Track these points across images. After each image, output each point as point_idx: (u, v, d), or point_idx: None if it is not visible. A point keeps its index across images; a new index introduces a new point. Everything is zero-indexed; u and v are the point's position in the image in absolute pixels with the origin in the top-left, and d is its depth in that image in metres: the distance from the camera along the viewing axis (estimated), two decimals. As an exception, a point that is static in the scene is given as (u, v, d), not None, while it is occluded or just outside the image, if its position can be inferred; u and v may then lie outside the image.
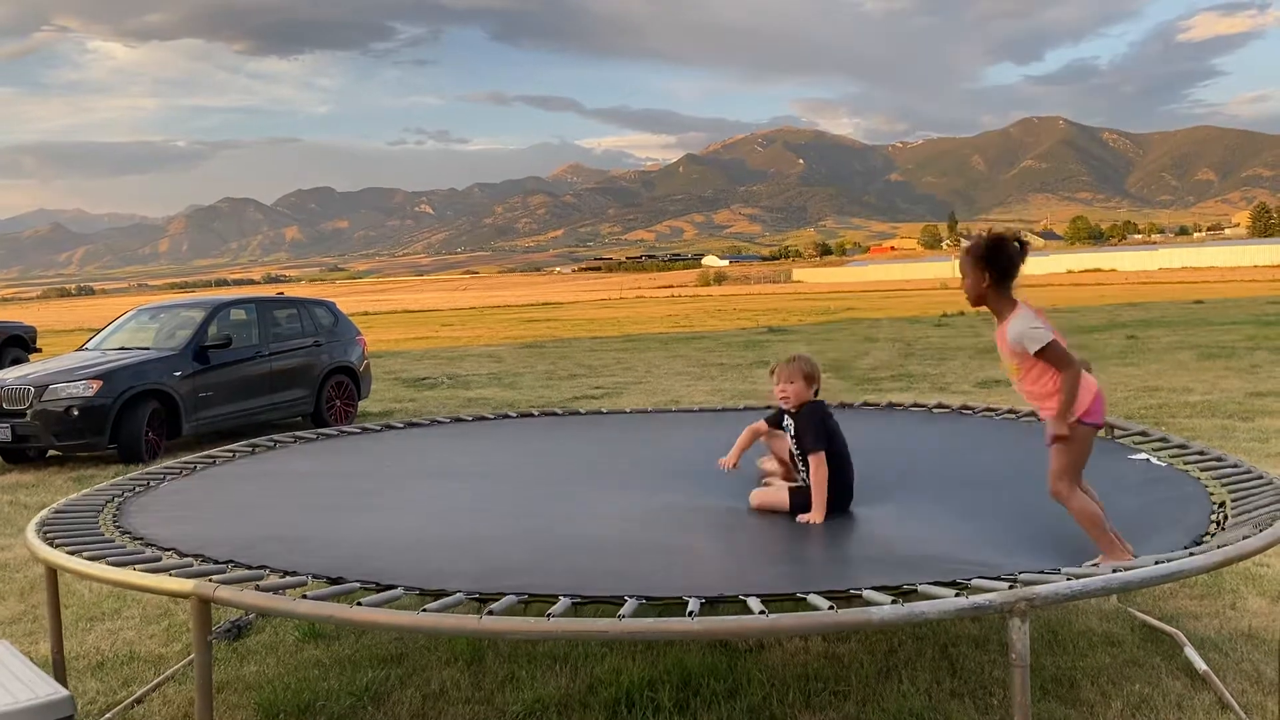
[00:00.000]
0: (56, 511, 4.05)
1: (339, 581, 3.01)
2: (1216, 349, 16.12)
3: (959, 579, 2.83)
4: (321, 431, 6.28)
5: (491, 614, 2.58)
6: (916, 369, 15.40)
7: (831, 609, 2.51)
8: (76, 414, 9.35)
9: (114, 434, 9.51)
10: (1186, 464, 4.43)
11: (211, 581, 2.88)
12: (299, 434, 6.12)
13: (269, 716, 3.62)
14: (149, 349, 10.62)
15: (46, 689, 2.78)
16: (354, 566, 3.18)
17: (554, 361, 19.50)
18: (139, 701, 3.81)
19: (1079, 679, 3.69)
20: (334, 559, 3.34)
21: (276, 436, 5.95)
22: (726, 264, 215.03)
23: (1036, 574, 2.80)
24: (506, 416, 6.82)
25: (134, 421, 9.59)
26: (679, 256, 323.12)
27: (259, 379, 11.08)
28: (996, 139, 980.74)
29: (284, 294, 13.49)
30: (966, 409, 6.07)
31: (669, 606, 2.82)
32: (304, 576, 3.08)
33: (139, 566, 3.14)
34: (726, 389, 13.67)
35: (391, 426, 6.47)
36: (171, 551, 3.46)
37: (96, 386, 9.49)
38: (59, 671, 3.59)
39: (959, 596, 2.54)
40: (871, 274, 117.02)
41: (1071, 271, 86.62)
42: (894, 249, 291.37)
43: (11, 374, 10.19)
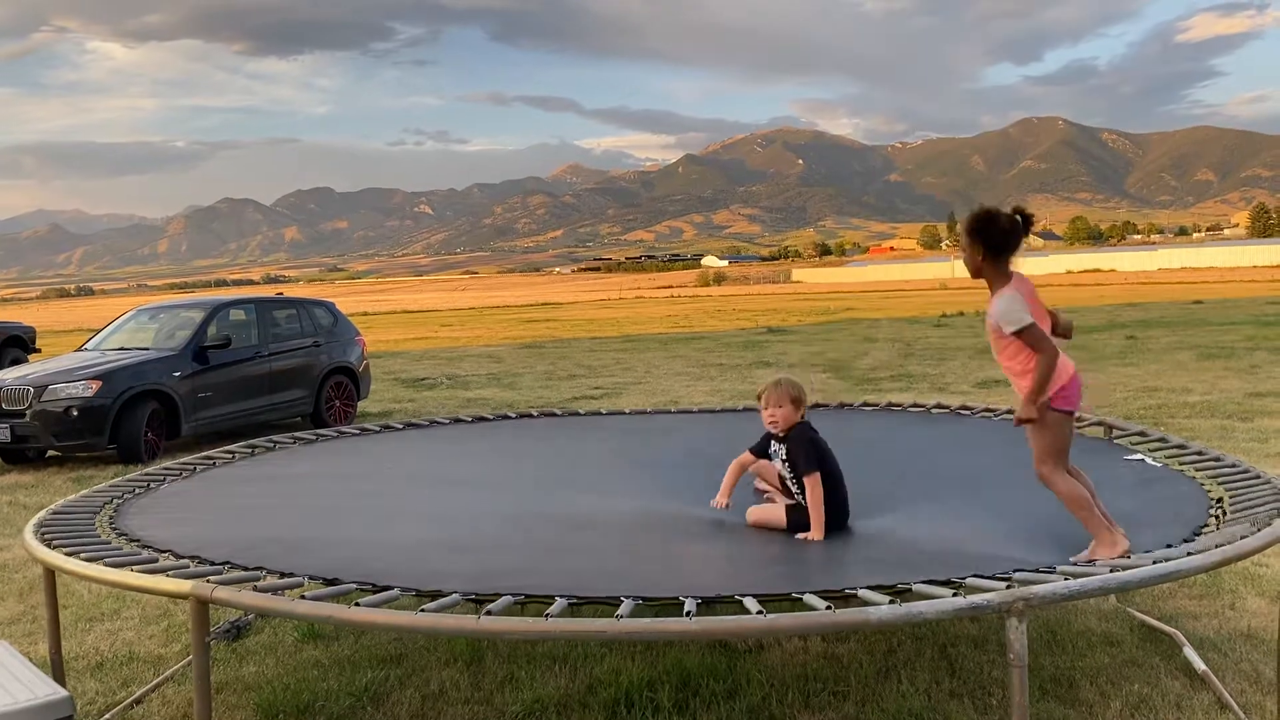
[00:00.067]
0: (55, 513, 4.05)
1: (335, 583, 3.01)
2: (1216, 349, 16.13)
3: (958, 580, 2.83)
4: (320, 433, 6.28)
5: (490, 614, 2.58)
6: (916, 369, 15.40)
7: (829, 609, 2.52)
8: (76, 414, 9.35)
9: (113, 434, 9.52)
10: (1183, 464, 4.44)
11: (209, 582, 2.89)
12: (298, 435, 6.12)
13: (268, 717, 3.62)
14: (148, 349, 10.62)
15: (45, 689, 2.78)
16: (350, 568, 3.18)
17: (553, 362, 19.50)
18: (138, 702, 3.81)
19: (1078, 679, 3.69)
20: (331, 560, 3.34)
21: (276, 438, 5.95)
22: (726, 264, 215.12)
23: (1034, 574, 2.81)
24: (506, 417, 6.82)
25: (133, 422, 9.59)
26: (678, 257, 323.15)
27: (258, 379, 11.08)
28: (996, 139, 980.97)
29: (283, 294, 13.48)
30: (965, 409, 6.07)
31: (666, 607, 2.82)
32: (300, 578, 3.08)
33: (136, 567, 3.14)
34: (726, 389, 13.67)
35: (390, 427, 6.47)
36: (168, 553, 3.46)
37: (96, 387, 9.49)
38: (57, 672, 3.59)
39: (956, 596, 2.55)
40: (871, 274, 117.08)
41: (1071, 272, 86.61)
42: (893, 249, 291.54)
43: (11, 374, 10.18)
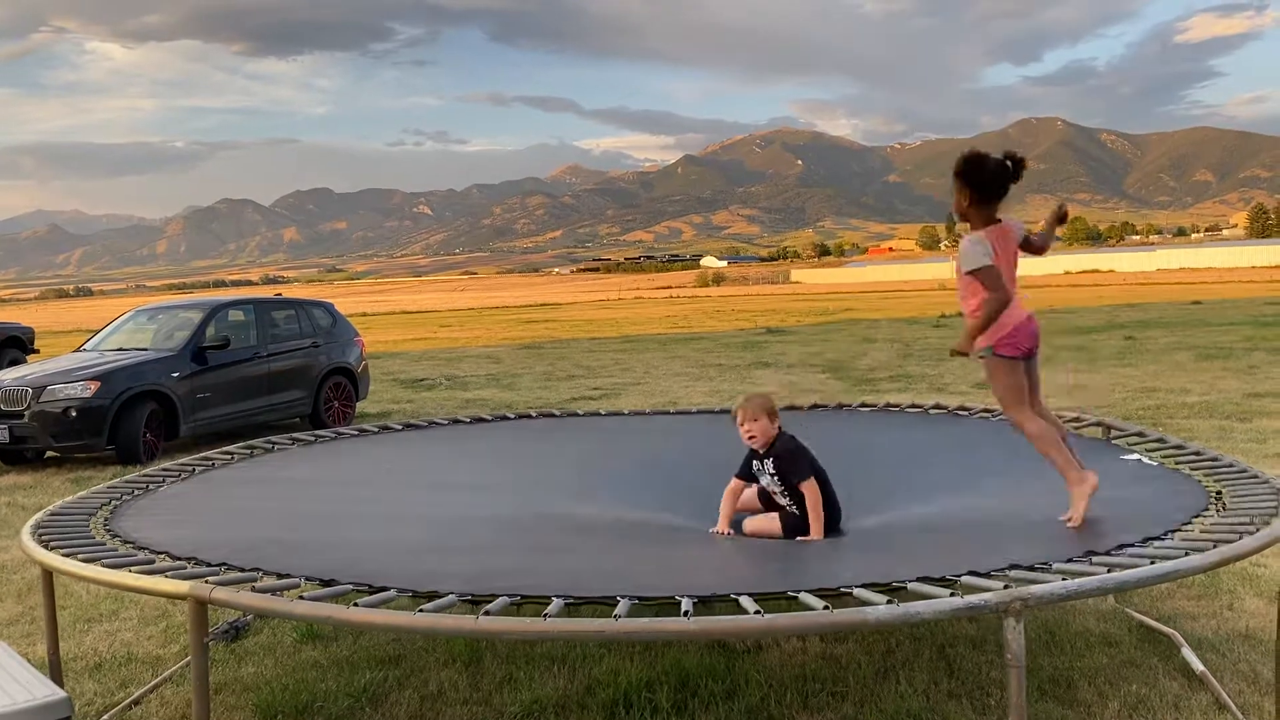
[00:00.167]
0: (53, 514, 4.05)
1: (333, 583, 3.01)
2: (1214, 350, 16.13)
3: (953, 577, 2.83)
4: (319, 434, 6.28)
5: (488, 614, 2.58)
6: (915, 369, 15.40)
7: (826, 608, 2.52)
8: (74, 415, 9.34)
9: (112, 435, 9.51)
10: (1180, 463, 4.43)
11: (208, 583, 2.88)
12: (296, 436, 6.11)
13: (267, 717, 3.62)
14: (147, 350, 10.61)
15: (44, 690, 2.77)
16: (347, 569, 3.17)
17: (552, 362, 19.49)
18: (137, 703, 3.80)
19: (1076, 679, 3.69)
20: (328, 562, 3.34)
21: (274, 439, 5.94)
22: (725, 265, 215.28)
23: (1031, 574, 2.81)
24: (504, 418, 6.81)
25: (132, 422, 9.59)
26: (677, 257, 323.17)
27: (257, 380, 11.07)
28: (995, 140, 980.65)
29: (282, 295, 13.47)
30: (964, 409, 6.07)
31: (663, 607, 2.82)
32: (299, 579, 3.08)
33: (134, 568, 3.14)
34: (725, 390, 13.67)
35: (389, 428, 6.46)
36: (166, 554, 3.46)
37: (94, 387, 9.48)
38: (56, 673, 3.59)
39: (954, 596, 2.55)
40: (870, 275, 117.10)
41: (1069, 272, 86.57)
42: (892, 250, 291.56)
43: (9, 375, 10.17)
